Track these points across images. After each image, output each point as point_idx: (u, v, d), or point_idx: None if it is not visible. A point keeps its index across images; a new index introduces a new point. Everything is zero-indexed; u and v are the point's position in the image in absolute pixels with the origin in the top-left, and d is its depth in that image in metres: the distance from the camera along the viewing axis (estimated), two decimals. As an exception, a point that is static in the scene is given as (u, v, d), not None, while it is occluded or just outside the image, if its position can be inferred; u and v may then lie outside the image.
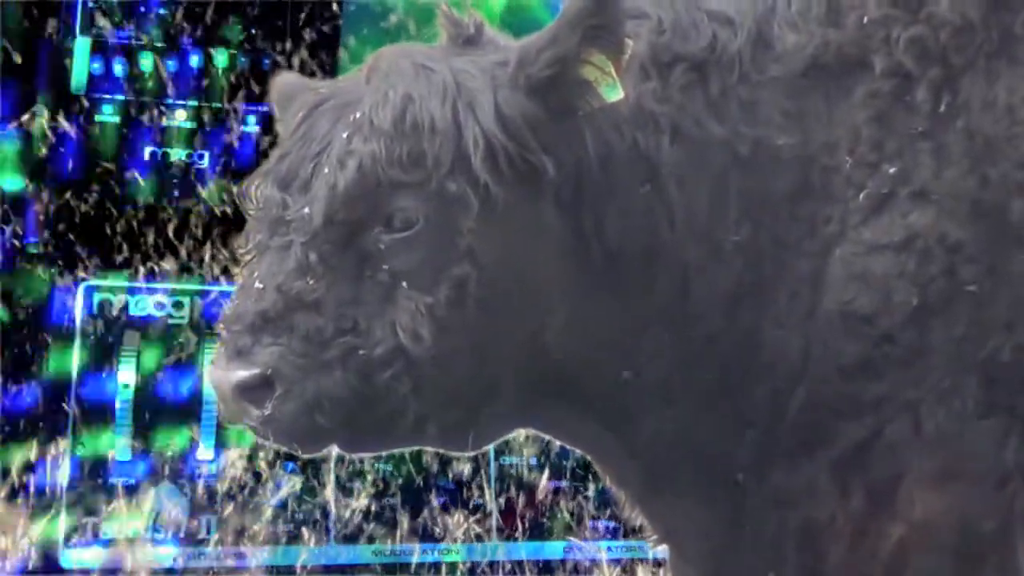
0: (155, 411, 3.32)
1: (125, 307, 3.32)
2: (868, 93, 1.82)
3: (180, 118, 3.42)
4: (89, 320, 3.30)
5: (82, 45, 3.35)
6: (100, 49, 3.37)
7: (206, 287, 3.36)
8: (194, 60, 3.42)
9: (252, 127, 3.47)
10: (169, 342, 3.35)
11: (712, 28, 1.84)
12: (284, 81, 1.94)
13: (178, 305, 3.38)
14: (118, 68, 3.33)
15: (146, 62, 3.37)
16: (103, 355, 3.32)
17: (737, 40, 1.84)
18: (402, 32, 3.50)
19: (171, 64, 3.39)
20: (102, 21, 3.36)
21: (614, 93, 1.75)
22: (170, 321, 3.34)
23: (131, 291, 3.34)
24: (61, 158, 3.34)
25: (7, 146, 3.30)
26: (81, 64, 3.34)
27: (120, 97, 3.37)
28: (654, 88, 1.82)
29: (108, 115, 3.38)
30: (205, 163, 3.41)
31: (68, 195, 3.34)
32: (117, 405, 3.30)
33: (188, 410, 3.33)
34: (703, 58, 1.83)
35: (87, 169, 3.37)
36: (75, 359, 3.30)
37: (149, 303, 3.34)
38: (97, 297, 3.31)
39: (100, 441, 3.29)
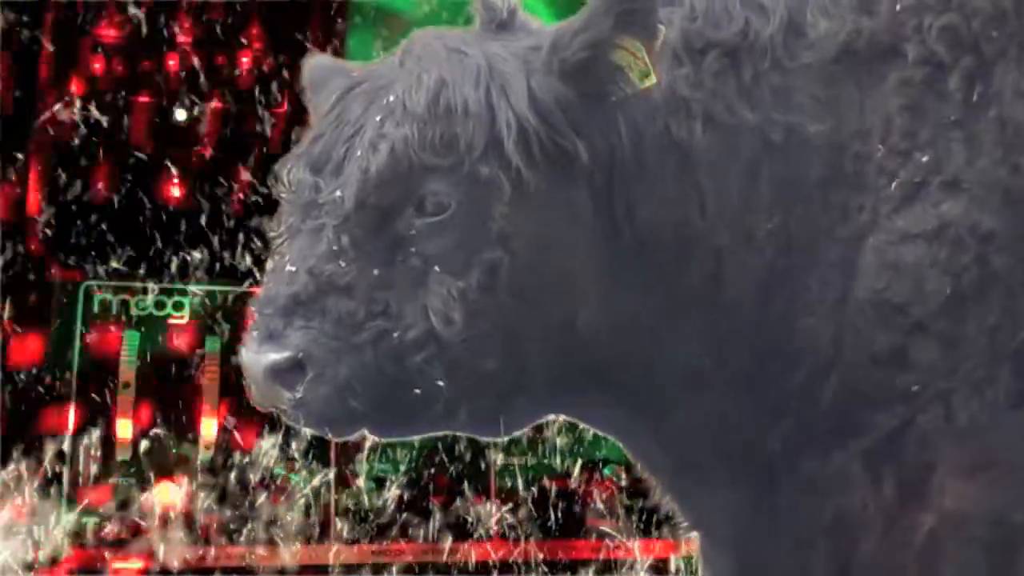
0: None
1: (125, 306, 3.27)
2: (900, 81, 1.83)
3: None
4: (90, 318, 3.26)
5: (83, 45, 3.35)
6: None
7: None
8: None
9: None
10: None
11: (745, 14, 1.85)
12: (316, 64, 1.95)
13: (178, 305, 3.33)
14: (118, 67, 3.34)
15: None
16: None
17: (769, 26, 1.85)
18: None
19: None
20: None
21: (647, 79, 1.75)
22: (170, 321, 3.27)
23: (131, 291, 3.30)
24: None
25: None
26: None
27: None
28: (686, 74, 1.83)
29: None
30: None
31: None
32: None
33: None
34: (735, 44, 1.84)
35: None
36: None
37: (149, 303, 3.28)
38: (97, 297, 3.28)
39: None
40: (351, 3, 3.54)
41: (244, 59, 3.48)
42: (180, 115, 3.45)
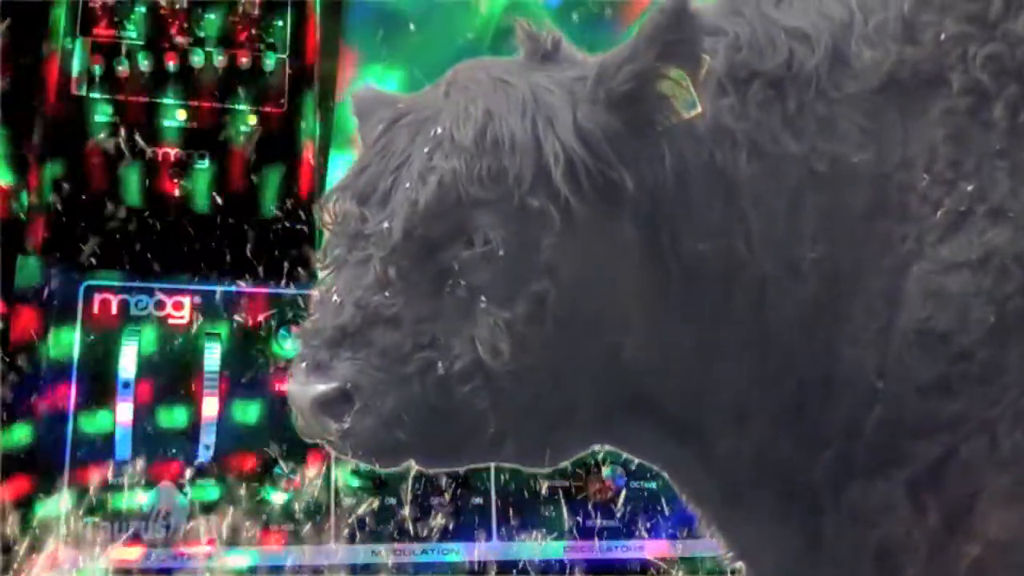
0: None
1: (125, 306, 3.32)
2: (945, 110, 1.83)
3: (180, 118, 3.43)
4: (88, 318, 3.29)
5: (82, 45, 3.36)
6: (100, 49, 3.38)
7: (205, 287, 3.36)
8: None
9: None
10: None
11: (789, 44, 1.86)
12: (363, 95, 1.95)
13: (178, 305, 3.36)
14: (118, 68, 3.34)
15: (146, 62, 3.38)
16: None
17: (814, 57, 1.86)
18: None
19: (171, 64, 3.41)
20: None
21: (692, 109, 1.76)
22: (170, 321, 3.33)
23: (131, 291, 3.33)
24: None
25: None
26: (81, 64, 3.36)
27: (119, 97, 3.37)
28: (731, 104, 1.84)
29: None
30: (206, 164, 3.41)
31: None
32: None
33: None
34: (780, 75, 1.85)
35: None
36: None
37: (149, 303, 3.32)
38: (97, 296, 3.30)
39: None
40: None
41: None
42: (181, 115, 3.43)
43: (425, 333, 1.72)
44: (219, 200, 3.34)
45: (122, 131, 3.31)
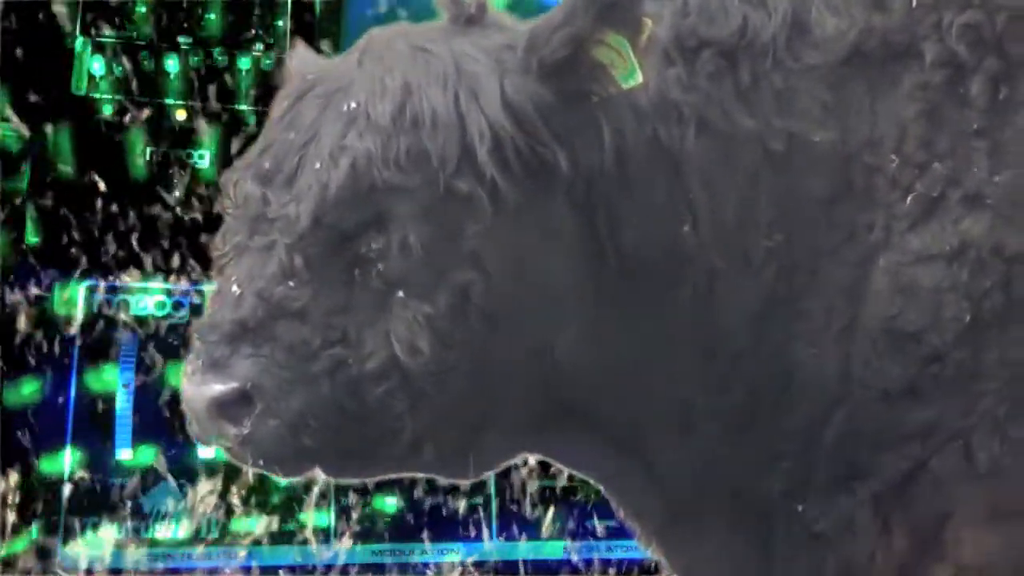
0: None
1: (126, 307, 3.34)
2: (917, 85, 1.70)
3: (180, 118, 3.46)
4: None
5: (82, 45, 3.37)
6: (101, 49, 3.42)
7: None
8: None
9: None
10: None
11: (743, 10, 1.73)
12: (298, 57, 1.80)
13: (177, 305, 3.38)
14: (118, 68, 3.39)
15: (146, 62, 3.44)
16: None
17: (771, 24, 1.72)
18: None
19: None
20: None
21: (632, 79, 1.62)
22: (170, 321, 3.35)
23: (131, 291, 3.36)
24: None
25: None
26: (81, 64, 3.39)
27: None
28: (678, 75, 1.70)
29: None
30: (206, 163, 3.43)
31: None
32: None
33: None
34: (733, 43, 1.71)
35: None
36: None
37: (149, 303, 3.34)
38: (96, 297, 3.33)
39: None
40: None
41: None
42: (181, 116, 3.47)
43: (335, 328, 1.58)
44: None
45: (122, 131, 3.35)
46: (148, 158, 3.37)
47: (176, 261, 3.33)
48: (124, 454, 3.29)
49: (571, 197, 1.64)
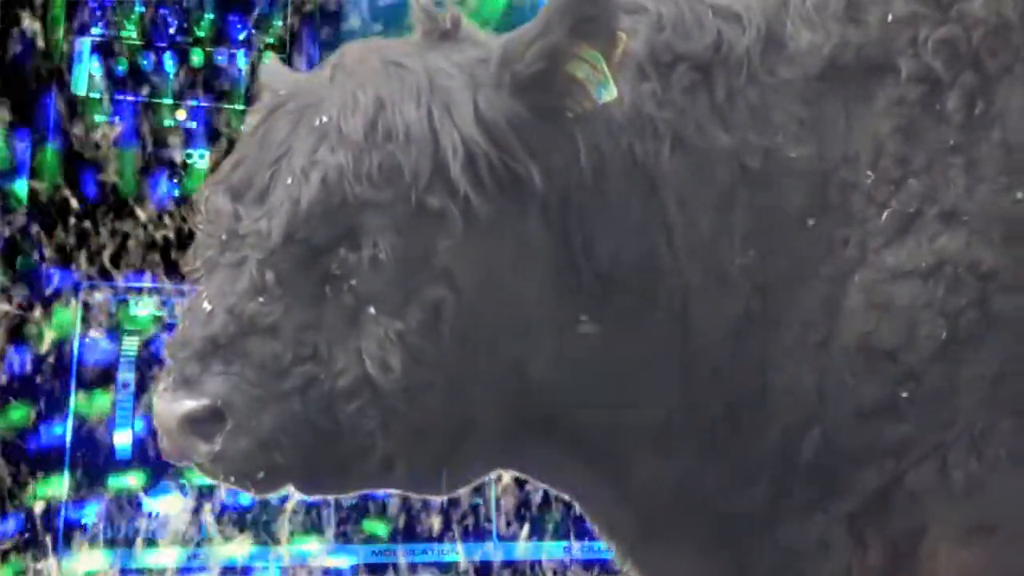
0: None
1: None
2: (892, 100, 1.68)
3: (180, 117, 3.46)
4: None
5: (82, 45, 3.37)
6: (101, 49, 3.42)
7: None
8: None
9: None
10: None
11: (717, 25, 1.71)
12: (268, 70, 1.78)
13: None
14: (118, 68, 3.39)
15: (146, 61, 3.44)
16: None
17: (745, 38, 1.71)
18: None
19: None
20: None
21: (607, 94, 1.61)
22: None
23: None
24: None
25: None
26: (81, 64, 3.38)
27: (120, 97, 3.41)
28: (653, 90, 1.68)
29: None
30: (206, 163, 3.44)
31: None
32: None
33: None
34: (707, 58, 1.70)
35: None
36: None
37: (149, 305, 3.35)
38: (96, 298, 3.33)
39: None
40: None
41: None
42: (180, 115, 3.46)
43: (307, 344, 1.56)
44: None
45: (123, 130, 3.34)
46: (145, 158, 3.38)
47: (174, 262, 3.35)
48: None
49: (545, 213, 1.63)
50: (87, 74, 3.31)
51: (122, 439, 3.28)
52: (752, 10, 1.70)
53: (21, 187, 3.30)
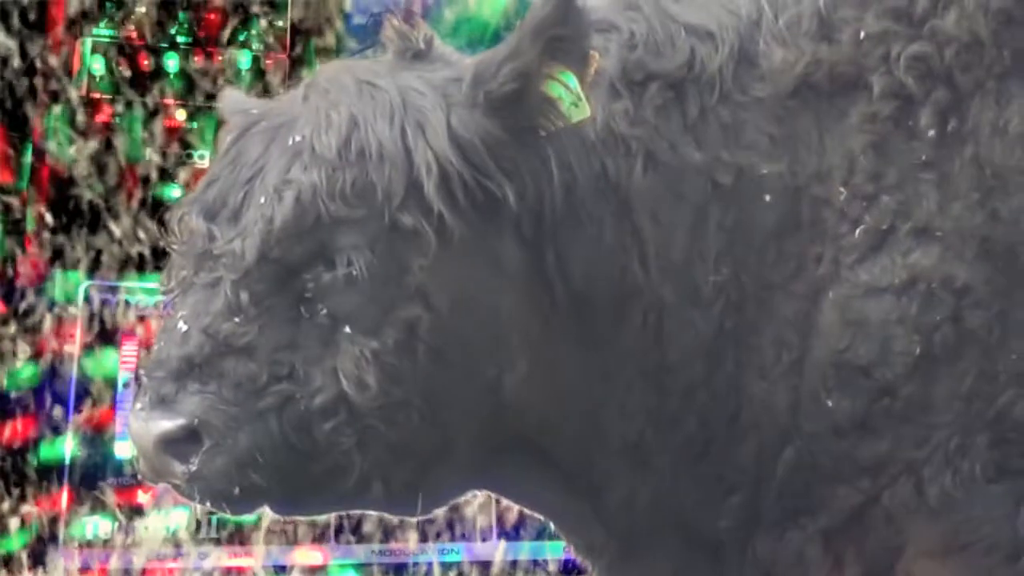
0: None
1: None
2: (865, 117, 1.69)
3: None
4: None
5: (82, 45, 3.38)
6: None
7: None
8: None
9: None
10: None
11: (690, 43, 1.72)
12: (229, 99, 1.78)
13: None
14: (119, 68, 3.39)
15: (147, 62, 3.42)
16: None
17: (718, 56, 1.71)
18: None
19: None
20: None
21: (579, 113, 1.61)
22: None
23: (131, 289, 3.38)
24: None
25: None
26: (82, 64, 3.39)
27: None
28: (625, 108, 1.69)
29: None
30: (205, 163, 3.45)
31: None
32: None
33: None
34: (680, 76, 1.70)
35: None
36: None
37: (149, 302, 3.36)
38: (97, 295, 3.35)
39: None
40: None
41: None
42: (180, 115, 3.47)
43: (282, 364, 1.56)
44: None
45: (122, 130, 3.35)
46: (147, 157, 3.39)
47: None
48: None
49: (518, 232, 1.63)
50: (87, 74, 3.32)
51: (124, 450, 3.29)
52: (725, 28, 1.70)
53: (20, 189, 3.31)
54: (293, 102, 1.65)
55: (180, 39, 3.46)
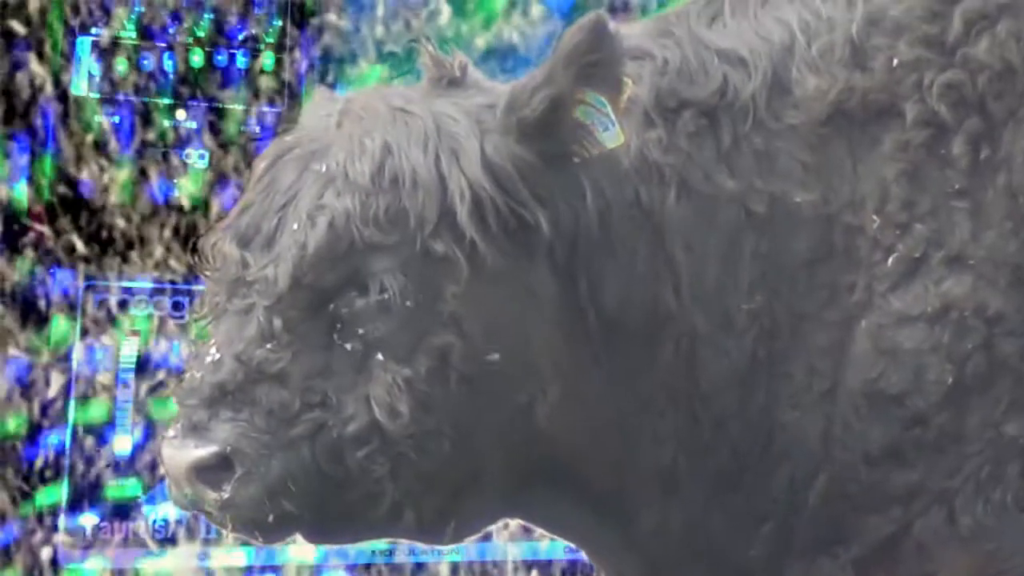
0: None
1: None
2: (898, 145, 1.69)
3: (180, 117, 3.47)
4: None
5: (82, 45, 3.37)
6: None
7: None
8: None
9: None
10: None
11: (723, 70, 1.72)
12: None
13: (177, 305, 3.37)
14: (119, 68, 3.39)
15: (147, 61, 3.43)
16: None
17: (751, 83, 1.71)
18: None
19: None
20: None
21: (613, 140, 1.61)
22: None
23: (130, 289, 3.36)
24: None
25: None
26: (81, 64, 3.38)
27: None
28: (659, 136, 1.69)
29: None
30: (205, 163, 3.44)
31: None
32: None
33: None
34: (713, 104, 1.71)
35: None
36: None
37: (149, 307, 3.35)
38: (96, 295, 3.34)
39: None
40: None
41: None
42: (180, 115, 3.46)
43: (315, 391, 1.57)
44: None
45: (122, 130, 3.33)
46: (145, 157, 3.37)
47: (172, 260, 3.33)
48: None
49: (551, 259, 1.63)
50: (87, 74, 3.30)
51: (122, 445, 3.30)
52: (758, 55, 1.71)
53: (20, 189, 3.31)
54: (327, 128, 1.65)
55: (180, 39, 3.45)
